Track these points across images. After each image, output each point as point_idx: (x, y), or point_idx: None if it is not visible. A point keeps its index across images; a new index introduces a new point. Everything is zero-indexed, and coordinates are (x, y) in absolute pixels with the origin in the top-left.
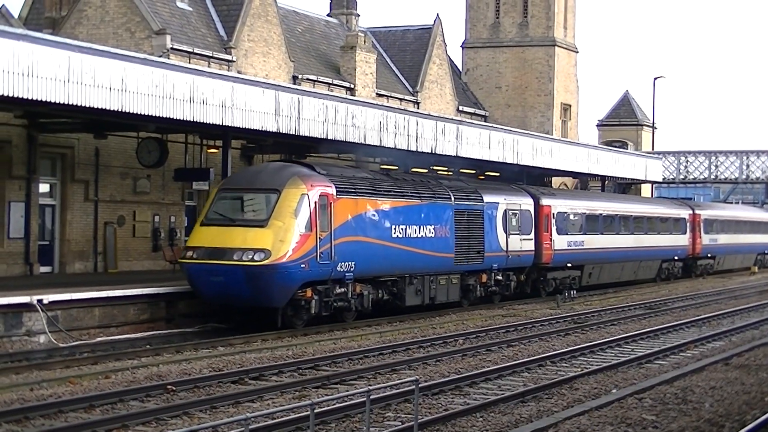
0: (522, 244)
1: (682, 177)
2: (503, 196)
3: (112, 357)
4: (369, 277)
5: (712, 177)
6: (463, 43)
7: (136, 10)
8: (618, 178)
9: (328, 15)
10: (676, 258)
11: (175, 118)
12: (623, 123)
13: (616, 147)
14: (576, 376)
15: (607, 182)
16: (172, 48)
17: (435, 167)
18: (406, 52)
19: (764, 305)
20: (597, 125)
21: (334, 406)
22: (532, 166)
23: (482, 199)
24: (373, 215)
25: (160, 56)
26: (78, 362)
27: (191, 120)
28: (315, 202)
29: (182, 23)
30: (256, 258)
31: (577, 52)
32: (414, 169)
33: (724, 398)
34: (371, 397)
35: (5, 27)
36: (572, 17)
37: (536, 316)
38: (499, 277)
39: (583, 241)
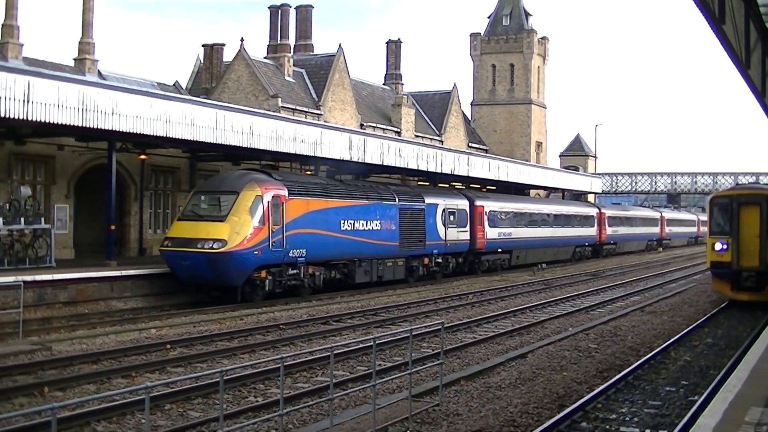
0: (459, 235)
1: (613, 190)
2: (443, 198)
3: (243, 306)
4: (321, 261)
5: (633, 189)
6: (472, 102)
7: (259, 82)
8: (572, 190)
9: (383, 84)
10: (587, 244)
11: (284, 152)
12: (576, 154)
13: (571, 170)
14: (545, 319)
15: (565, 193)
16: (281, 106)
17: (453, 183)
18: (434, 107)
19: (665, 273)
20: (559, 155)
21: (389, 339)
22: (517, 182)
23: (424, 201)
24: (323, 212)
25: (274, 112)
26: (223, 310)
27: (294, 153)
28: (268, 202)
29: (288, 90)
30: (215, 246)
31: (546, 107)
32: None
33: (641, 333)
34: (413, 333)
35: (177, 95)
36: (543, 85)
37: (519, 281)
38: (439, 260)
39: (510, 233)
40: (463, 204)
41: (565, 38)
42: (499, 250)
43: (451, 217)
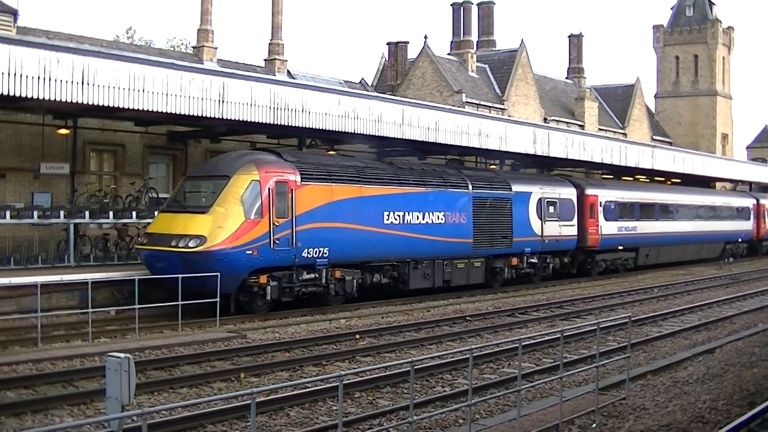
0: (561, 229)
1: None
2: (538, 186)
3: (429, 299)
4: (353, 262)
5: None
6: (655, 94)
7: (443, 78)
8: (760, 183)
9: (566, 78)
10: (739, 240)
11: (469, 146)
12: (764, 146)
13: (759, 162)
14: (734, 314)
15: (752, 186)
16: (466, 102)
17: (637, 176)
18: (617, 101)
19: None
20: (746, 147)
21: (574, 332)
22: (701, 175)
23: (510, 188)
24: (355, 201)
25: (459, 107)
26: (410, 301)
27: (479, 147)
28: (269, 189)
29: (472, 86)
30: (191, 244)
31: (731, 98)
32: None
33: None
34: (600, 326)
35: (364, 92)
36: (728, 75)
37: (706, 275)
38: (534, 260)
39: (636, 227)
40: (567, 192)
41: (752, 25)
42: (620, 247)
43: (551, 209)
